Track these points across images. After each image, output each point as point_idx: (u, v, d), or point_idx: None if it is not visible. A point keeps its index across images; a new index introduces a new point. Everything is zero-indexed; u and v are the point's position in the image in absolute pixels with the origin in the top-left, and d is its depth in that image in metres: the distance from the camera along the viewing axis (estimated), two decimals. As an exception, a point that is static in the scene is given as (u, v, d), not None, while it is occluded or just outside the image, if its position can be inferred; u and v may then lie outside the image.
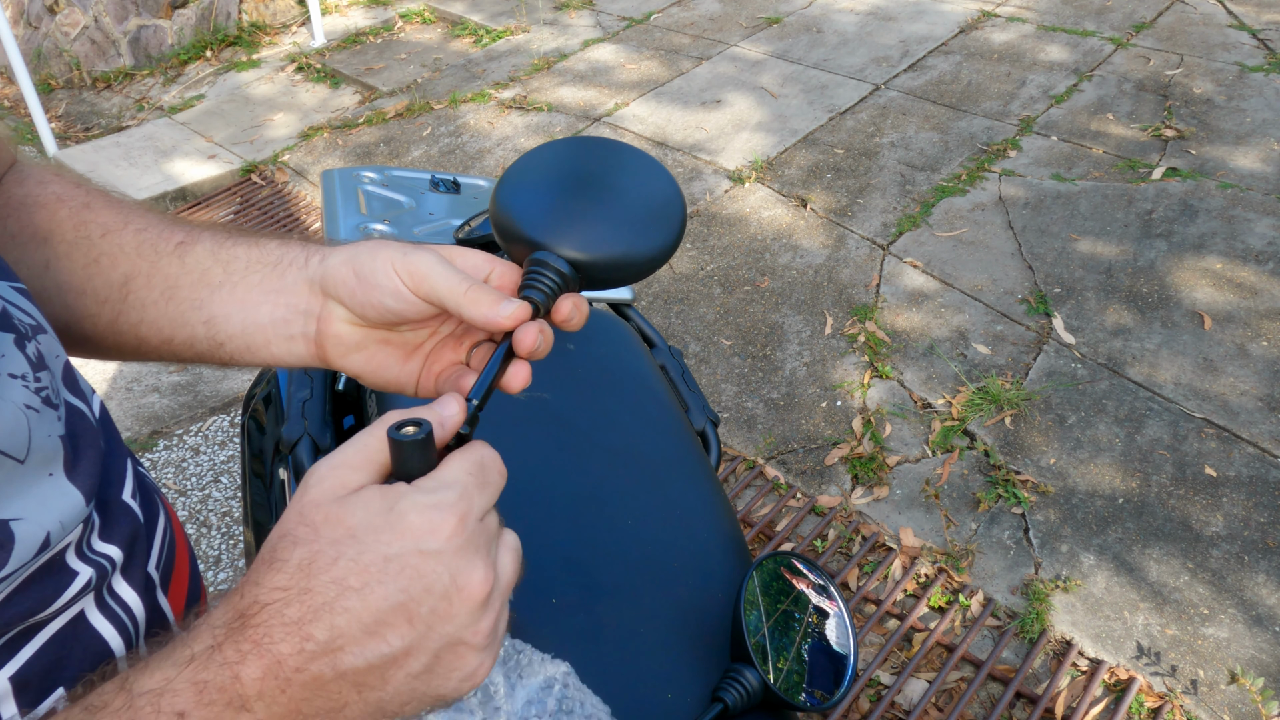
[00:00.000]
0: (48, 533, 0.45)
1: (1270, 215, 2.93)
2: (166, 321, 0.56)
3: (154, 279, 0.56)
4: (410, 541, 0.40)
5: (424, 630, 0.40)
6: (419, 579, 0.40)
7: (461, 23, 4.79)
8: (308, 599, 0.39)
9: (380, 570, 0.40)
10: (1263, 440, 2.19)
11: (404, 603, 0.40)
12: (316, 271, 0.54)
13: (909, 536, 2.04)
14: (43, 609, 0.46)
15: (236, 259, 0.56)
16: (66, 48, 4.45)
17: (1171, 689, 1.73)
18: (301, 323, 0.55)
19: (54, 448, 0.47)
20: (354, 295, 0.52)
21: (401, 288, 0.51)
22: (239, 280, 0.55)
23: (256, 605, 0.39)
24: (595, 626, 0.76)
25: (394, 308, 0.51)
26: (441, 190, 1.50)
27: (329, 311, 0.54)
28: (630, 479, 0.91)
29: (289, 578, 0.40)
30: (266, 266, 0.55)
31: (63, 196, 0.58)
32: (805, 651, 0.74)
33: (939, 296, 2.73)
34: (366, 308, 0.52)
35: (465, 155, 3.61)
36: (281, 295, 0.55)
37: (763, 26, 4.50)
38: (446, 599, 0.40)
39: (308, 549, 0.40)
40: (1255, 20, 4.22)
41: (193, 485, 2.33)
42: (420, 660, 0.41)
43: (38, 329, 0.51)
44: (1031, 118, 3.58)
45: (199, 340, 0.56)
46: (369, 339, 0.54)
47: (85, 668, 0.49)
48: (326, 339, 0.54)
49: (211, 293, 0.55)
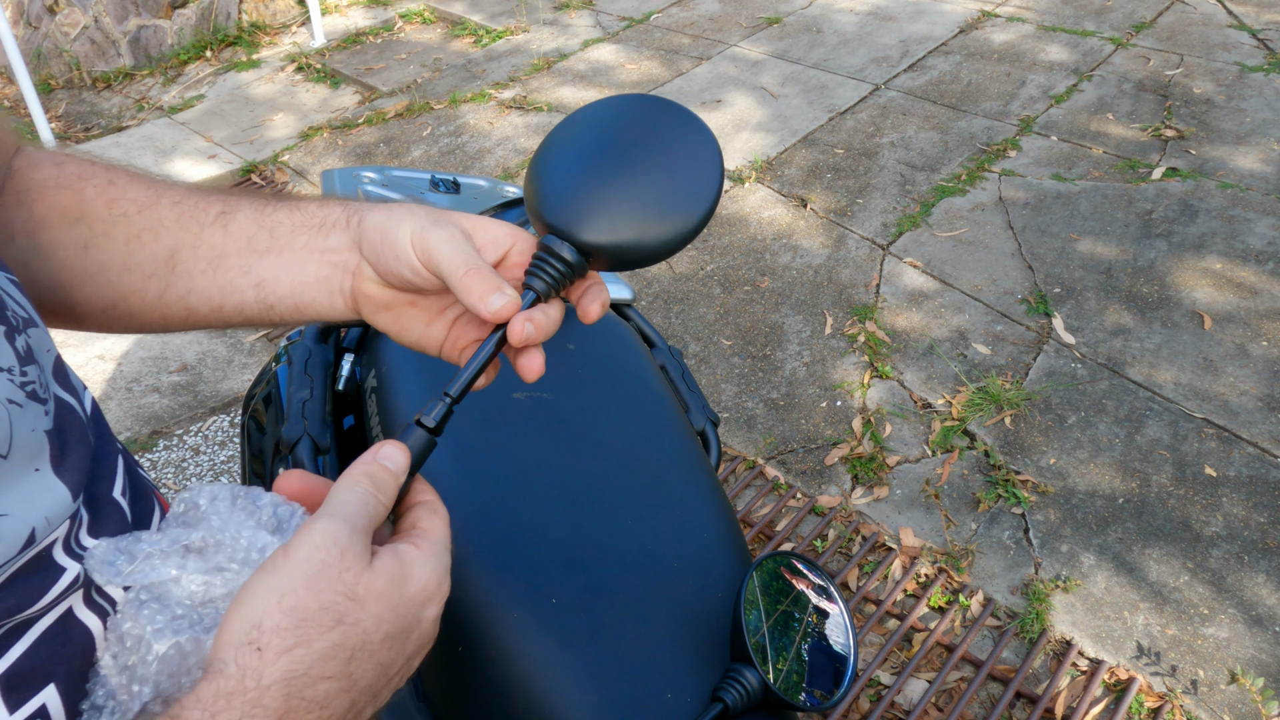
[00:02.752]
0: (33, 528, 0.45)
1: (1270, 215, 2.93)
2: (216, 289, 0.57)
3: (199, 249, 0.57)
4: (428, 608, 0.46)
5: (400, 682, 0.46)
6: (420, 643, 0.46)
7: (461, 23, 4.79)
8: (352, 690, 0.42)
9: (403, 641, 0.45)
10: (1263, 440, 2.19)
11: (404, 666, 0.46)
12: (356, 231, 0.56)
13: (909, 536, 2.04)
14: (30, 605, 0.46)
15: (280, 224, 0.57)
16: (66, 48, 4.45)
17: (1171, 689, 1.73)
18: (339, 278, 0.56)
19: (39, 443, 0.47)
20: (379, 259, 0.54)
21: (415, 260, 0.52)
22: (285, 244, 0.57)
23: (304, 703, 0.41)
24: (595, 626, 0.76)
25: (409, 279, 0.53)
26: (441, 190, 1.50)
27: (361, 269, 0.55)
28: (630, 479, 0.91)
29: (340, 666, 0.43)
30: (311, 228, 0.57)
31: (84, 175, 0.58)
32: (805, 651, 0.74)
33: (939, 296, 2.73)
34: (388, 274, 0.54)
35: (465, 155, 3.61)
36: (326, 254, 0.56)
37: (763, 26, 4.50)
38: (421, 654, 0.47)
39: (358, 631, 0.42)
40: (1255, 20, 4.22)
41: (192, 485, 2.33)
42: (381, 700, 0.46)
43: (29, 322, 0.51)
44: (1031, 118, 3.58)
45: (249, 305, 0.57)
46: (397, 299, 0.56)
47: (74, 665, 0.49)
48: (359, 295, 0.56)
49: (259, 258, 0.57)
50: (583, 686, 0.73)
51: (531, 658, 0.74)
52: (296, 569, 0.41)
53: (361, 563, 0.42)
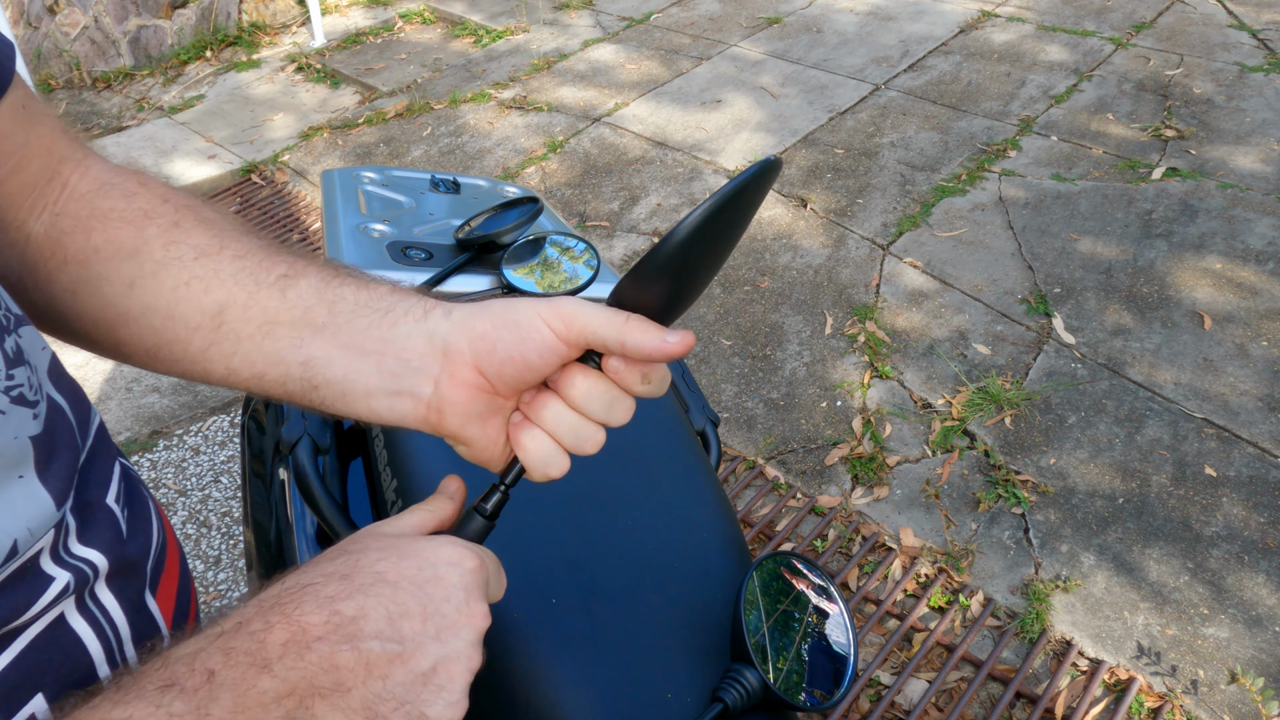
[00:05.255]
0: (14, 540, 0.45)
1: (1270, 215, 2.93)
2: (260, 357, 0.53)
3: (251, 311, 0.53)
4: (443, 562, 0.47)
5: (433, 633, 0.45)
6: (441, 589, 0.46)
7: (461, 23, 4.79)
8: (346, 583, 0.45)
9: (415, 573, 0.46)
10: (1263, 440, 2.19)
11: (425, 605, 0.45)
12: (440, 326, 0.50)
13: (909, 536, 2.04)
14: (18, 616, 0.46)
15: (343, 299, 0.52)
16: (66, 48, 4.45)
17: (1171, 689, 1.73)
18: (412, 380, 0.50)
19: (21, 449, 0.46)
20: (493, 350, 0.49)
21: (549, 336, 0.48)
22: (344, 323, 0.52)
23: (298, 586, 0.45)
24: (595, 626, 0.76)
25: (535, 363, 0.49)
26: (441, 190, 1.50)
27: (454, 373, 0.50)
28: (630, 479, 0.91)
29: (336, 566, 0.46)
30: (377, 312, 0.52)
31: (151, 212, 0.56)
32: (805, 651, 0.74)
33: (939, 296, 2.72)
34: (506, 364, 0.49)
35: (465, 155, 3.61)
36: (390, 345, 0.51)
37: (763, 26, 4.50)
38: (458, 614, 0.46)
39: (358, 557, 0.47)
40: (1255, 20, 4.22)
41: (193, 485, 2.33)
42: (423, 662, 0.45)
43: (21, 320, 0.50)
44: (1031, 118, 3.58)
45: (292, 380, 0.53)
46: (490, 408, 0.51)
47: (64, 673, 0.48)
48: (447, 404, 0.50)
49: (314, 333, 0.52)
50: (583, 686, 0.73)
51: (531, 658, 0.74)
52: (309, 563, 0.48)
53: (368, 537, 0.49)
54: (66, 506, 0.49)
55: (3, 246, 0.55)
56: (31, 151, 0.54)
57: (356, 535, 0.49)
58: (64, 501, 0.49)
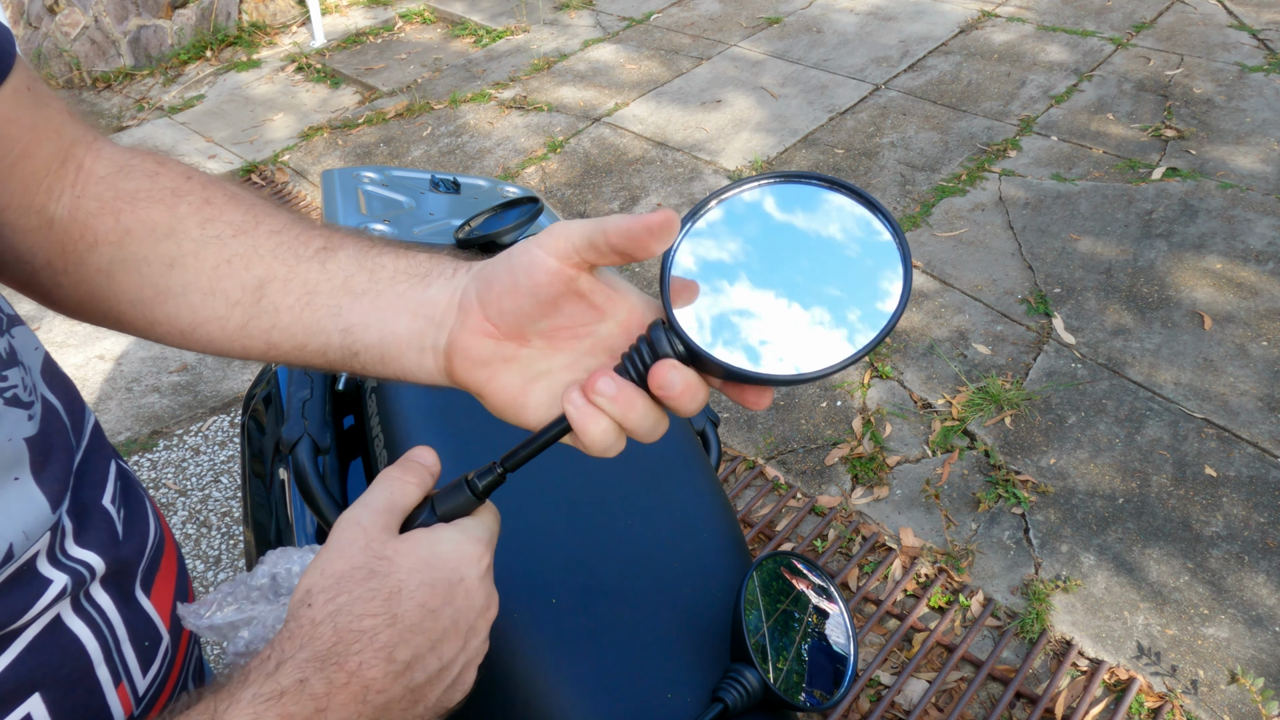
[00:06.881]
0: (10, 543, 0.44)
1: (1270, 215, 2.93)
2: (301, 328, 0.54)
3: (291, 283, 0.53)
4: (467, 568, 0.48)
5: (463, 644, 0.48)
6: (467, 599, 0.48)
7: (461, 23, 4.79)
8: (395, 626, 0.45)
9: (448, 593, 0.47)
10: (1263, 440, 2.19)
11: (457, 620, 0.47)
12: (462, 281, 0.51)
13: (909, 536, 2.04)
14: (15, 620, 0.46)
15: (383, 267, 0.53)
16: (66, 48, 4.45)
17: (1171, 689, 1.73)
18: (433, 334, 0.51)
19: (16, 451, 0.46)
20: (490, 286, 0.49)
21: (536, 252, 0.47)
22: (384, 289, 0.53)
23: (352, 634, 0.45)
24: (595, 626, 0.76)
25: (525, 284, 0.47)
26: (441, 190, 1.50)
27: (462, 321, 0.51)
28: (630, 479, 0.91)
29: (380, 605, 0.46)
30: (414, 277, 0.53)
31: (179, 190, 0.56)
32: (805, 651, 0.74)
33: (939, 296, 2.73)
34: (503, 296, 0.48)
35: (465, 155, 3.61)
36: (422, 307, 0.52)
37: (763, 26, 4.50)
38: (479, 617, 0.48)
39: (392, 580, 0.46)
40: (1255, 20, 4.22)
41: (193, 485, 2.33)
42: (453, 670, 0.47)
43: (13, 321, 0.50)
44: (1031, 118, 3.58)
45: (333, 348, 0.53)
46: (495, 355, 0.50)
47: (63, 673, 0.48)
48: (455, 350, 0.51)
49: (353, 301, 0.53)
50: (583, 686, 0.73)
51: (531, 658, 0.74)
52: (330, 547, 0.48)
53: (386, 533, 0.48)
54: (62, 509, 0.49)
55: (25, 232, 0.54)
56: (41, 135, 0.53)
57: (369, 547, 0.47)
58: (60, 504, 0.49)
